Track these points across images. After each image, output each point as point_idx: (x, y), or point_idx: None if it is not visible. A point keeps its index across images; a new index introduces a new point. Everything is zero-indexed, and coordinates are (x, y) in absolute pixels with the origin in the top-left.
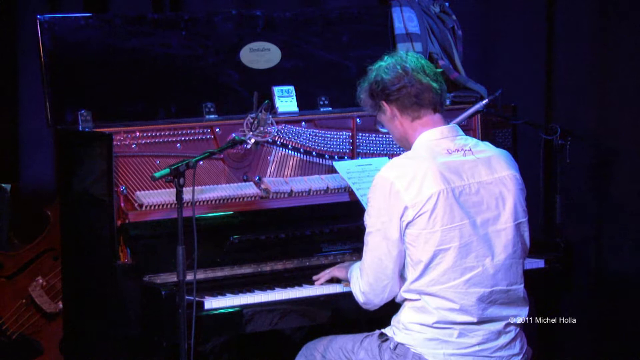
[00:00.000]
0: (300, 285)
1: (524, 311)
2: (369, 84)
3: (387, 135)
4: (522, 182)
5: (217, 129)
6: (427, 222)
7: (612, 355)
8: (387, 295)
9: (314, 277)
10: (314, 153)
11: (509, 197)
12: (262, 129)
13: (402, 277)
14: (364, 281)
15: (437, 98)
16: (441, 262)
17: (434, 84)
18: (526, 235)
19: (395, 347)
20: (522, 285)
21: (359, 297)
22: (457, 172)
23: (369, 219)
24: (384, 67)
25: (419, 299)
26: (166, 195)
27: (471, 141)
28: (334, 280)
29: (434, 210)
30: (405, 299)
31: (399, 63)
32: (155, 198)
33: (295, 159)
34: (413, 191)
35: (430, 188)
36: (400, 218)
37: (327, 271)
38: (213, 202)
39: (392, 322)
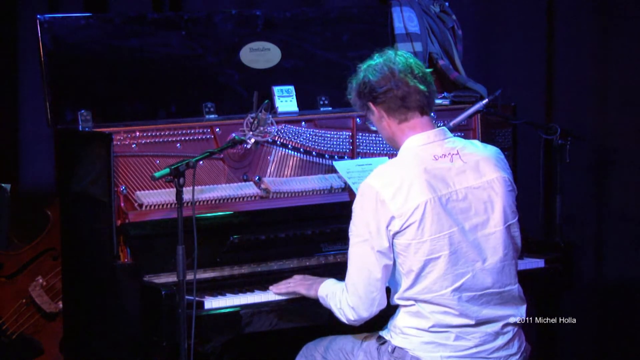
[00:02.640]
0: None
1: (521, 309)
2: (357, 84)
3: None
4: (511, 182)
5: (217, 129)
6: (416, 232)
7: (612, 356)
8: (375, 309)
9: (272, 287)
10: (314, 153)
11: (498, 200)
12: (262, 128)
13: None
14: (352, 295)
15: (425, 100)
16: (432, 271)
17: (421, 87)
18: (517, 235)
19: (393, 350)
20: (516, 285)
21: (348, 314)
22: (443, 179)
23: (355, 229)
24: (372, 67)
25: (414, 305)
26: (166, 195)
27: (459, 144)
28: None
29: (422, 220)
30: (399, 305)
31: (386, 64)
32: (155, 198)
33: (295, 158)
34: (399, 201)
35: (417, 198)
36: (387, 227)
37: (288, 283)
38: (213, 202)
39: (388, 326)
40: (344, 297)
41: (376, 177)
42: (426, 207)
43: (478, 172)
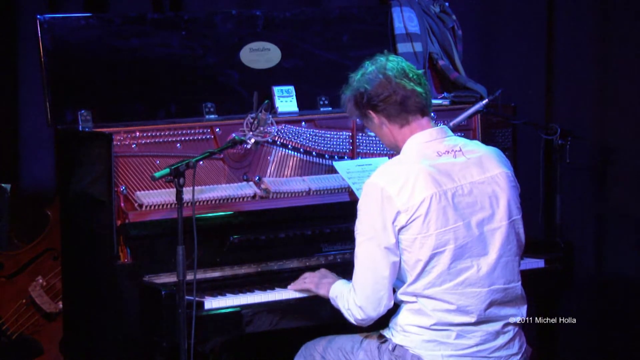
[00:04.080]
0: None
1: (523, 309)
2: (353, 95)
3: None
4: (514, 179)
5: (217, 129)
6: (422, 226)
7: (612, 355)
8: (383, 308)
9: (290, 285)
10: (314, 153)
11: (502, 195)
12: (262, 129)
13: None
14: (360, 295)
15: (423, 101)
16: (436, 265)
17: (418, 88)
18: (521, 232)
19: (394, 349)
20: (520, 283)
21: (356, 314)
22: (448, 174)
23: (361, 228)
24: (366, 76)
25: (416, 302)
26: (166, 195)
27: (460, 141)
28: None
29: (427, 214)
30: (402, 301)
31: (380, 71)
32: (155, 198)
33: (295, 159)
34: (405, 196)
35: (422, 192)
36: (393, 223)
37: (304, 279)
38: (213, 202)
39: (390, 324)
40: (352, 298)
41: (381, 174)
42: (432, 201)
43: (481, 168)
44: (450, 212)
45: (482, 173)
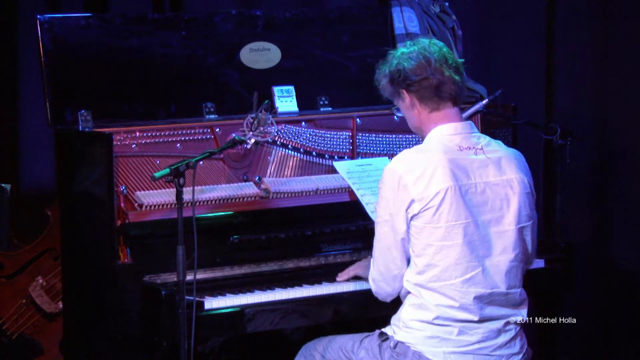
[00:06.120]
0: (300, 285)
1: (523, 312)
2: (389, 71)
3: (387, 135)
4: (530, 186)
5: (217, 129)
6: (432, 216)
7: (612, 355)
8: (398, 284)
9: (338, 277)
10: (314, 153)
11: (514, 200)
12: (262, 129)
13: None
14: (375, 270)
15: (458, 91)
16: (444, 259)
17: (455, 76)
18: (528, 240)
19: (395, 346)
20: (520, 289)
21: (372, 286)
22: (465, 170)
23: (379, 209)
24: (406, 55)
25: (419, 296)
26: (166, 195)
27: (484, 140)
28: (355, 278)
29: (440, 206)
30: (409, 292)
31: (422, 53)
32: (155, 198)
33: (295, 159)
34: (421, 185)
35: (439, 184)
36: (406, 210)
37: (350, 268)
38: (213, 202)
39: (391, 321)
40: (370, 271)
41: (400, 161)
42: (446, 194)
43: (499, 169)
44: (461, 208)
45: (498, 175)
